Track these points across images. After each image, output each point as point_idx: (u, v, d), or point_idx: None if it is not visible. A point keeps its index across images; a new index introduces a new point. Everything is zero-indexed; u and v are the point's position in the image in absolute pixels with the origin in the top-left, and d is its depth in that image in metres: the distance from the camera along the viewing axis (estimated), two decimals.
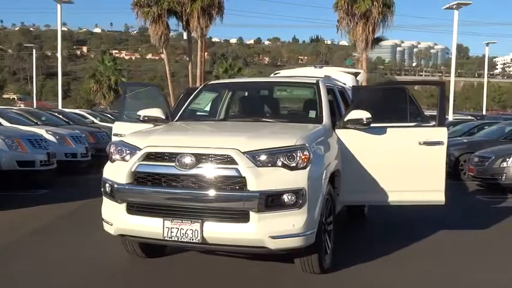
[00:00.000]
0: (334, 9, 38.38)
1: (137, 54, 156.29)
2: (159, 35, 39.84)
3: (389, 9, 37.54)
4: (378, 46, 44.22)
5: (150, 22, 39.66)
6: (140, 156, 4.65)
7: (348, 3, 37.05)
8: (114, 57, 62.11)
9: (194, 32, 40.45)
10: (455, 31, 25.48)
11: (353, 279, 5.05)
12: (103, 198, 5.06)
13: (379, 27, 38.07)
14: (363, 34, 37.65)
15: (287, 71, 8.92)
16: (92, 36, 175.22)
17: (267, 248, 4.46)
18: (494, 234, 7.12)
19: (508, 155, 10.76)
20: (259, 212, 4.34)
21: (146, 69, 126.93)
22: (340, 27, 38.79)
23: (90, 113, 22.62)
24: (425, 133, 5.89)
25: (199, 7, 38.75)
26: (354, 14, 37.32)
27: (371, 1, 36.62)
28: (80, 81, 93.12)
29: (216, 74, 54.15)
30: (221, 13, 40.24)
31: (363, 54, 39.14)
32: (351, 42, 40.91)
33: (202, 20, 39.38)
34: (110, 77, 53.38)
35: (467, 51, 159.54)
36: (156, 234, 4.59)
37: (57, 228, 7.23)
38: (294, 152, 4.52)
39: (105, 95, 53.44)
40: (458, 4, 24.85)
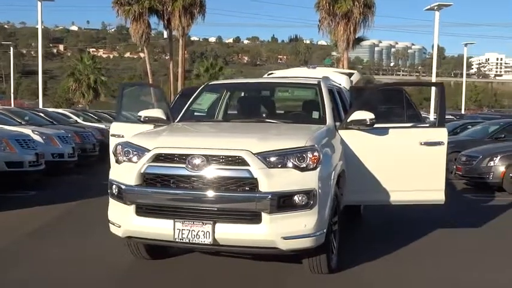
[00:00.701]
0: (316, 9, 38.61)
1: (115, 52, 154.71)
2: (140, 34, 39.51)
3: (370, 9, 37.90)
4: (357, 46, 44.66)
5: (131, 21, 39.31)
6: (150, 158, 4.62)
7: (329, 4, 37.29)
8: (93, 56, 61.30)
9: (176, 31, 40.25)
10: (436, 32, 25.86)
11: (357, 279, 5.09)
12: (109, 200, 5.01)
13: (360, 27, 38.45)
14: (344, 34, 37.94)
15: (281, 71, 8.94)
16: (69, 34, 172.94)
17: (278, 249, 4.48)
18: (489, 233, 7.24)
19: (495, 155, 10.97)
20: (271, 213, 4.35)
21: (124, 68, 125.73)
22: (321, 27, 39.02)
23: (73, 112, 22.32)
24: (426, 133, 5.97)
25: (180, 6, 38.56)
26: (336, 14, 37.57)
27: (352, 1, 36.91)
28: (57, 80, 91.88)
29: (197, 73, 54.00)
30: (203, 12, 40.12)
31: (344, 54, 39.42)
32: (332, 42, 41.15)
33: (184, 18, 39.20)
34: (89, 75, 52.73)
35: (443, 51, 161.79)
36: (166, 236, 4.56)
37: (56, 229, 7.13)
38: (304, 153, 4.55)
39: (84, 94, 52.75)
40: (439, 5, 25.20)
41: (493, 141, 13.05)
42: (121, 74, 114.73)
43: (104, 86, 55.34)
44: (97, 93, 54.68)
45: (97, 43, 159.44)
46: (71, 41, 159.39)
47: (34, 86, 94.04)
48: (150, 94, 7.50)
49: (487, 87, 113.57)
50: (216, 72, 54.48)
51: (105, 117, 24.30)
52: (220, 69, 54.92)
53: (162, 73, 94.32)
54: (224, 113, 6.41)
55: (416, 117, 7.15)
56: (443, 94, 6.15)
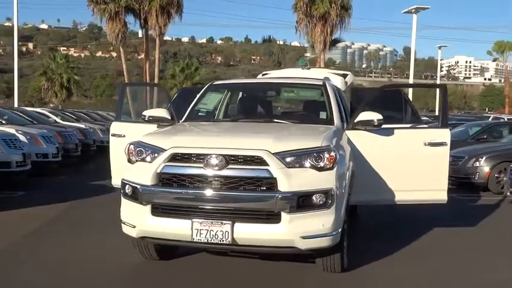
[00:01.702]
0: (293, 10, 38.82)
1: (86, 51, 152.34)
2: (116, 33, 38.97)
3: (347, 11, 38.30)
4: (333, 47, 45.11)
5: (106, 19, 38.77)
6: (166, 158, 4.59)
7: (306, 5, 37.54)
8: (66, 55, 60.27)
9: (152, 30, 39.90)
10: (414, 34, 26.27)
11: (362, 278, 5.15)
12: (122, 200, 4.95)
13: (337, 29, 38.83)
14: (321, 35, 38.25)
15: (276, 71, 8.98)
16: (38, 32, 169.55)
17: (296, 248, 4.50)
18: (484, 232, 7.42)
19: (481, 155, 11.22)
20: (290, 213, 4.37)
21: (96, 67, 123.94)
22: (299, 28, 39.29)
23: (52, 111, 21.92)
24: (430, 134, 6.08)
25: (158, 5, 38.23)
26: (313, 15, 37.84)
27: (329, 3, 37.24)
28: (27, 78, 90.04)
29: (173, 73, 53.62)
30: (180, 12, 39.85)
31: (321, 56, 39.72)
32: (309, 44, 41.43)
33: (161, 18, 38.89)
34: (62, 74, 51.82)
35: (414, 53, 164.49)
36: (184, 236, 4.53)
37: (54, 230, 7.01)
38: (322, 153, 4.58)
39: (57, 93, 51.82)
40: (417, 8, 25.64)
41: (476, 143, 13.35)
42: (93, 73, 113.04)
43: (77, 85, 54.56)
44: (70, 93, 53.83)
45: (68, 42, 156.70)
46: (40, 40, 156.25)
47: (2, 85, 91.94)
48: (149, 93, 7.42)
49: (457, 90, 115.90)
50: (192, 73, 54.25)
51: (83, 116, 23.98)
52: (196, 70, 54.71)
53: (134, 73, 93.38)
54: (234, 113, 6.36)
55: (415, 118, 7.27)
56: (445, 96, 6.27)
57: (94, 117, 24.92)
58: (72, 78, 52.36)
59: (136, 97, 7.48)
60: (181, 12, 40.03)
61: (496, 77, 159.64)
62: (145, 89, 24.51)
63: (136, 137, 6.47)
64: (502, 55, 47.20)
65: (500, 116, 27.97)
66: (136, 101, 7.58)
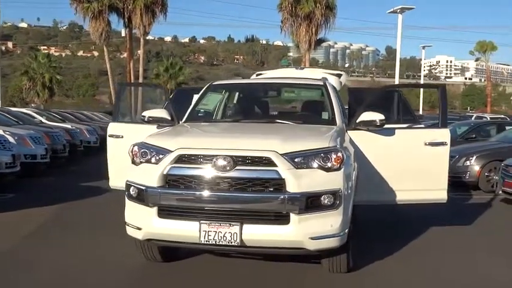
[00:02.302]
0: (278, 10, 38.89)
1: (67, 50, 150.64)
2: (99, 32, 38.66)
3: (332, 11, 38.51)
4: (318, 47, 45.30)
5: (90, 18, 38.42)
6: (173, 159, 4.54)
7: (291, 5, 37.65)
8: (48, 54, 59.54)
9: (137, 30, 39.64)
10: (399, 34, 26.47)
11: (363, 278, 5.16)
12: (126, 202, 4.88)
13: (322, 29, 39.00)
14: (306, 35, 38.41)
15: (271, 71, 8.95)
16: (18, 31, 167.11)
17: (304, 249, 4.49)
18: (479, 230, 7.50)
19: (471, 154, 11.33)
20: (300, 214, 4.36)
21: (78, 67, 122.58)
22: (284, 28, 39.37)
23: (37, 111, 21.61)
24: (431, 134, 6.11)
25: (142, 4, 38.02)
26: (298, 15, 37.97)
27: (314, 3, 37.39)
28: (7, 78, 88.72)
29: (157, 73, 53.30)
30: (165, 11, 39.70)
31: (306, 55, 39.85)
32: (294, 43, 41.53)
33: (145, 17, 38.67)
34: (44, 74, 51.15)
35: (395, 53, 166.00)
36: (191, 238, 4.49)
37: (51, 232, 6.89)
38: (329, 153, 4.57)
39: (39, 93, 51.15)
40: (402, 8, 25.84)
41: (464, 142, 13.48)
42: (74, 72, 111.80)
43: (59, 85, 53.95)
44: (52, 93, 53.19)
45: (48, 41, 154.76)
46: (20, 39, 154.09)
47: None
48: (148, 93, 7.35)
49: None
50: (176, 72, 53.95)
51: (68, 117, 23.68)
52: (180, 69, 54.41)
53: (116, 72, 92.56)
54: (230, 114, 6.32)
55: (411, 118, 7.32)
56: (444, 96, 6.30)
57: (79, 118, 24.61)
58: (55, 77, 51.72)
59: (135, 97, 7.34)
60: (166, 12, 39.90)
61: (477, 76, 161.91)
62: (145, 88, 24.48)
63: (135, 138, 6.43)
64: (484, 55, 47.92)
65: (482, 115, 28.33)
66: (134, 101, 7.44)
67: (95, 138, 19.71)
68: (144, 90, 31.99)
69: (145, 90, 32.40)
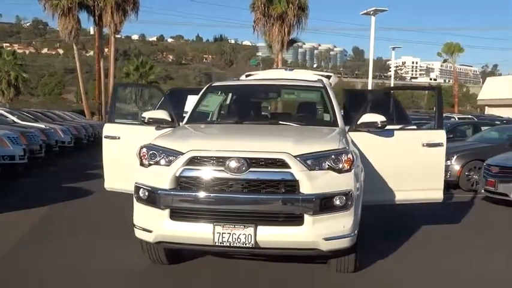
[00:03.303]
0: (251, 10, 38.96)
1: (31, 48, 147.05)
2: (68, 30, 38.03)
3: (304, 11, 38.79)
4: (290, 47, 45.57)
5: (59, 15, 37.73)
6: (185, 161, 4.51)
7: (264, 5, 37.75)
8: (14, 51, 58.04)
9: (107, 28, 39.10)
10: (373, 35, 26.87)
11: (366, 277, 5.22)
12: (135, 205, 4.81)
13: (294, 29, 39.25)
14: (279, 35, 38.59)
15: (261, 72, 8.98)
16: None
17: (317, 250, 4.53)
18: (469, 228, 7.71)
19: (452, 154, 11.58)
20: (314, 215, 4.40)
21: (43, 65, 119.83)
22: (256, 28, 39.45)
23: (8, 111, 21.04)
24: (428, 135, 6.25)
25: (113, 2, 37.55)
26: (271, 15, 38.09)
27: (287, 3, 37.59)
28: None
29: (127, 72, 52.60)
30: (136, 9, 39.32)
31: (279, 55, 40.03)
32: (267, 43, 41.65)
33: (117, 15, 38.20)
34: (10, 72, 49.77)
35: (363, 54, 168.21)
36: (205, 240, 4.47)
37: (46, 235, 6.68)
38: (340, 155, 4.63)
39: (4, 92, 49.76)
40: (375, 10, 26.23)
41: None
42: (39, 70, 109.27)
43: (24, 83, 52.70)
44: (18, 91, 51.86)
45: (11, 38, 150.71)
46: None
47: None
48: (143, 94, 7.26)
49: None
50: (147, 71, 53.38)
51: (40, 116, 23.16)
52: (150, 68, 53.87)
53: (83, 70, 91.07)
54: (232, 115, 6.28)
55: (404, 119, 7.45)
56: (440, 97, 6.45)
57: (51, 117, 24.09)
58: (20, 75, 50.41)
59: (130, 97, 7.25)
60: (138, 10, 39.54)
61: (441, 77, 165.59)
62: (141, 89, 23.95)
63: (133, 139, 6.37)
64: (451, 56, 49.05)
65: (451, 116, 28.96)
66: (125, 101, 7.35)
67: (69, 138, 19.37)
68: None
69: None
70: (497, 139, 12.59)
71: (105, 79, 41.84)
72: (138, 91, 24.06)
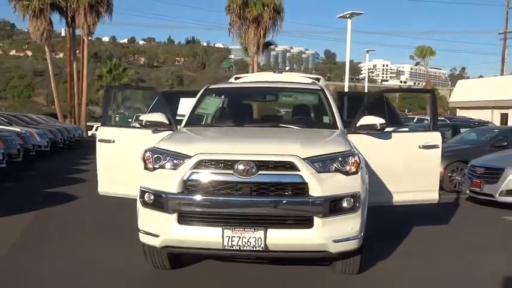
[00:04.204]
0: (226, 12, 38.98)
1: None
2: (40, 31, 37.30)
3: (279, 14, 38.97)
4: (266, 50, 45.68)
5: (30, 17, 36.99)
6: (193, 164, 4.46)
7: (240, 7, 37.78)
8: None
9: (80, 29, 38.52)
10: (349, 39, 27.12)
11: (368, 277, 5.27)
12: (140, 209, 4.73)
13: (270, 32, 39.38)
14: (255, 38, 38.68)
15: (250, 75, 8.95)
16: None
17: (327, 252, 4.54)
18: (460, 229, 7.83)
19: None
20: (323, 217, 4.40)
21: (11, 67, 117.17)
22: (232, 31, 39.48)
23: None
24: (424, 137, 6.31)
25: (86, 3, 37.04)
26: (246, 17, 38.16)
27: (262, 6, 37.70)
28: None
29: (100, 74, 51.90)
30: (110, 11, 38.85)
31: (255, 58, 40.11)
32: (243, 46, 41.67)
33: (90, 16, 37.67)
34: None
35: (334, 57, 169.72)
36: (214, 244, 4.42)
37: (39, 241, 6.48)
38: (347, 157, 4.65)
39: None
40: (351, 13, 26.51)
41: None
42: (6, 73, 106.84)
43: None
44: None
45: None
46: None
47: None
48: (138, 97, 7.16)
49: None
50: (120, 74, 52.79)
51: (15, 120, 22.63)
52: (124, 71, 53.29)
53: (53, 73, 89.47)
54: (231, 118, 6.24)
55: (397, 122, 7.53)
56: (434, 100, 6.54)
57: (25, 120, 23.58)
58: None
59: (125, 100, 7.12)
60: (111, 11, 39.07)
61: (411, 80, 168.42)
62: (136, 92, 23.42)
63: (129, 143, 6.29)
64: (423, 59, 49.94)
65: (424, 117, 29.47)
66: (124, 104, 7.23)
67: (46, 142, 19.01)
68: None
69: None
70: (478, 140, 12.84)
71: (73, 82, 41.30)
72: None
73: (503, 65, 43.41)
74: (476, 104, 33.97)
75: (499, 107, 33.80)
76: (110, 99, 6.85)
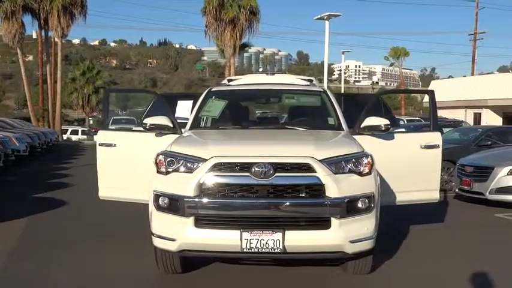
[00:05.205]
0: (202, 14, 38.79)
1: None
2: (12, 34, 36.59)
3: (256, 16, 38.96)
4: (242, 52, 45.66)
5: (1, 19, 36.22)
6: (209, 168, 4.44)
7: (216, 9, 37.64)
8: None
9: (54, 32, 37.87)
10: (327, 40, 27.30)
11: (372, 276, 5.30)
12: (154, 213, 4.68)
13: (246, 34, 39.37)
14: (231, 40, 38.57)
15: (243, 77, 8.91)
16: None
17: (343, 253, 4.57)
18: (455, 227, 8.00)
19: None
20: (340, 218, 4.43)
21: None
22: (208, 32, 39.29)
23: None
24: (425, 137, 6.40)
25: (60, 5, 36.43)
26: (222, 19, 38.04)
27: (238, 8, 37.67)
28: None
29: (73, 77, 51.15)
30: (84, 13, 38.31)
31: (231, 60, 40.02)
32: (219, 48, 41.56)
33: (63, 19, 37.07)
34: None
35: (307, 57, 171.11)
36: (232, 247, 4.40)
37: (38, 249, 6.31)
38: (360, 158, 4.70)
39: None
40: (329, 15, 26.70)
41: None
42: None
43: None
44: None
45: None
46: None
47: None
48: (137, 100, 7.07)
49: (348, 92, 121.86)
50: (94, 76, 52.18)
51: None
52: (97, 73, 52.68)
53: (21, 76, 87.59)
54: (236, 120, 6.20)
55: (393, 122, 7.61)
56: (434, 100, 6.65)
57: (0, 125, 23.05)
58: None
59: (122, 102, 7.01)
60: (86, 13, 38.53)
61: (383, 80, 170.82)
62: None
63: (131, 147, 6.23)
64: (397, 60, 50.68)
65: (400, 118, 29.88)
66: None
67: (25, 146, 18.62)
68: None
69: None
70: (462, 140, 13.09)
71: (45, 85, 40.68)
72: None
73: (474, 65, 44.34)
74: (449, 103, 34.58)
75: (471, 107, 34.54)
76: (109, 102, 6.74)
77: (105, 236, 6.99)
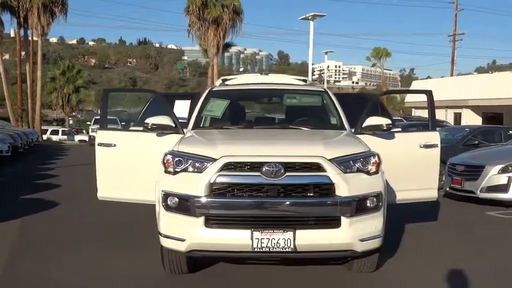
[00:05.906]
0: (185, 14, 38.74)
1: None
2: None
3: (239, 15, 39.03)
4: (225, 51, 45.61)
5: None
6: (220, 167, 4.42)
7: (199, 8, 37.62)
8: None
9: (34, 30, 37.39)
10: (311, 40, 27.46)
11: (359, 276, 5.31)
12: (162, 213, 4.64)
13: (229, 33, 39.40)
14: (214, 39, 38.60)
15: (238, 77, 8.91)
16: None
17: (352, 251, 4.60)
18: (450, 225, 8.07)
19: None
20: (350, 217, 4.46)
21: None
22: (191, 32, 39.23)
23: None
24: (424, 137, 6.48)
25: (40, 3, 35.99)
26: (205, 19, 38.02)
27: (222, 7, 37.68)
28: None
29: (53, 76, 50.47)
30: (65, 11, 37.96)
31: (214, 59, 39.98)
32: (202, 47, 41.47)
33: (44, 17, 36.63)
34: None
35: (288, 58, 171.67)
36: (243, 247, 4.39)
37: (37, 250, 6.21)
38: (368, 157, 4.73)
39: None
40: (313, 15, 26.86)
41: None
42: None
43: None
44: None
45: None
46: None
47: None
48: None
49: None
50: (74, 75, 51.56)
51: None
52: (78, 72, 52.06)
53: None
54: (240, 120, 6.19)
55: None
56: (432, 100, 6.73)
57: None
58: None
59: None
60: (66, 12, 38.16)
61: (363, 80, 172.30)
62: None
63: (131, 147, 6.17)
64: (379, 60, 51.21)
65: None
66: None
67: (7, 147, 18.38)
68: None
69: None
70: (449, 140, 13.23)
71: (23, 84, 40.14)
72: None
73: (453, 66, 44.95)
74: None
75: (452, 107, 34.99)
76: (107, 102, 6.66)
77: (102, 236, 6.92)
